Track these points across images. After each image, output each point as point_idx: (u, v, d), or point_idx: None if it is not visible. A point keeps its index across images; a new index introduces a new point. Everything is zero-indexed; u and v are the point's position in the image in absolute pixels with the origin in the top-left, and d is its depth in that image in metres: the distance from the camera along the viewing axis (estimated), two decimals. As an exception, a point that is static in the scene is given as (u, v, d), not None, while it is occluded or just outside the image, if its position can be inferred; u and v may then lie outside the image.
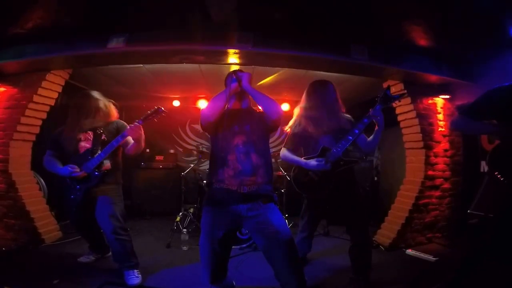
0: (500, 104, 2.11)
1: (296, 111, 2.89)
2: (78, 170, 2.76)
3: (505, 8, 2.52)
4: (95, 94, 2.98)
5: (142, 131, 2.80)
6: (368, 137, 2.73)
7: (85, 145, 2.85)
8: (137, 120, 2.76)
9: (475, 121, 2.22)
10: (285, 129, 2.93)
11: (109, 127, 2.95)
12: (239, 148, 2.09)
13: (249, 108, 2.33)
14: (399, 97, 2.61)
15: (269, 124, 2.17)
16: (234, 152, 2.08)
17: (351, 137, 2.57)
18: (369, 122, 2.56)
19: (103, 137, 2.87)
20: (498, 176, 2.07)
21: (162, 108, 2.78)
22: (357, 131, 2.56)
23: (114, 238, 2.76)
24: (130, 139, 2.87)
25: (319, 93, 2.78)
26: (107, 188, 2.86)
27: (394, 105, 2.63)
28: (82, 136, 2.86)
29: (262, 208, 2.04)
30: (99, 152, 2.78)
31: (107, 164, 2.87)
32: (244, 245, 3.77)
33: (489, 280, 2.39)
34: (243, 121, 2.17)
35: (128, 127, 2.79)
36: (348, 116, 2.86)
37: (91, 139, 2.86)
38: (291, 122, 2.90)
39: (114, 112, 3.07)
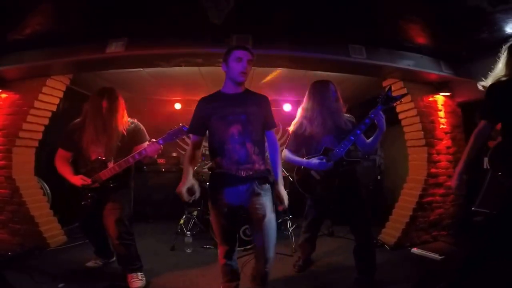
0: (501, 100, 2.09)
1: (299, 112, 2.89)
2: (90, 181, 2.71)
3: (501, 5, 2.51)
4: (115, 94, 2.83)
5: (160, 151, 2.72)
6: (371, 136, 2.73)
7: (96, 150, 2.75)
8: (158, 139, 2.63)
9: (494, 123, 2.17)
10: (289, 129, 2.93)
11: (126, 132, 2.80)
12: (234, 139, 2.18)
13: (245, 93, 2.32)
14: (400, 97, 2.60)
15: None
16: (229, 142, 2.18)
17: (353, 137, 2.57)
18: (370, 122, 2.55)
19: (117, 143, 2.77)
20: (500, 175, 2.05)
21: (186, 127, 2.55)
22: (359, 132, 2.56)
23: (119, 243, 2.75)
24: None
25: (320, 94, 2.78)
26: (117, 193, 2.82)
27: (394, 104, 2.63)
28: (94, 140, 2.72)
29: (258, 190, 2.21)
30: (112, 161, 2.73)
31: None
32: (248, 246, 3.76)
33: (490, 279, 2.37)
34: (238, 109, 2.21)
35: (147, 144, 2.67)
36: (350, 116, 2.86)
37: (103, 143, 2.73)
38: (293, 123, 2.90)
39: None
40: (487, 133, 2.18)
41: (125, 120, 2.86)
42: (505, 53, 2.18)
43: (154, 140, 2.66)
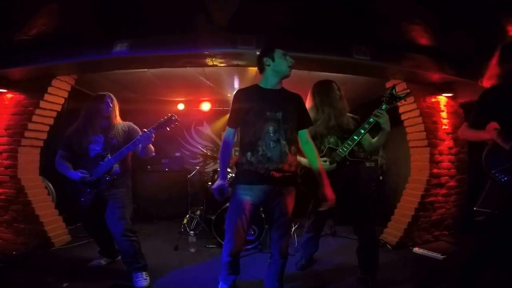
0: (495, 106, 2.12)
1: None
2: (88, 175, 2.81)
3: (504, 6, 2.53)
4: (109, 97, 2.99)
5: (152, 139, 2.83)
6: (374, 136, 2.73)
7: (95, 147, 2.87)
8: (149, 129, 2.75)
9: (477, 128, 2.21)
10: None
11: (120, 130, 2.94)
12: (269, 135, 2.21)
13: (282, 91, 2.41)
14: (404, 96, 2.60)
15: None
16: (264, 139, 2.21)
17: (356, 137, 2.57)
18: (375, 121, 2.55)
19: (114, 141, 2.88)
20: (496, 175, 2.07)
21: (175, 116, 2.76)
22: (363, 131, 2.56)
23: (123, 240, 2.79)
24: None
25: (323, 93, 2.78)
26: (117, 192, 2.88)
27: (397, 104, 2.63)
28: (92, 139, 2.88)
29: (283, 191, 2.27)
30: (109, 157, 2.80)
31: (116, 168, 2.89)
32: (250, 246, 3.78)
33: (492, 279, 2.38)
34: (275, 106, 2.26)
35: (140, 134, 2.78)
36: (354, 115, 2.86)
37: (101, 142, 2.88)
38: None
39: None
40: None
41: (119, 120, 3.02)
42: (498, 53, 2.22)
43: (146, 130, 2.76)
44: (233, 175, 2.65)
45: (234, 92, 2.43)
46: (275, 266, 2.39)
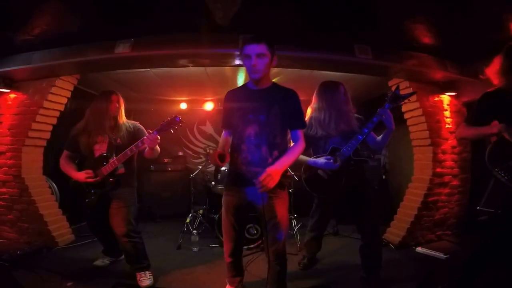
0: (495, 108, 2.12)
1: (308, 112, 2.90)
2: (92, 176, 2.79)
3: (508, 5, 2.51)
4: (115, 96, 2.98)
5: (158, 141, 2.77)
6: (378, 135, 2.73)
7: (100, 148, 2.86)
8: (152, 131, 2.68)
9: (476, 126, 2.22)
10: None
11: (125, 130, 2.92)
12: (250, 139, 2.16)
13: (270, 90, 2.24)
14: (409, 96, 2.58)
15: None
16: (245, 142, 2.18)
17: (360, 137, 2.56)
18: (378, 120, 2.54)
19: (118, 141, 2.87)
20: (499, 172, 2.07)
21: (180, 118, 2.63)
22: (366, 130, 2.55)
23: (126, 241, 2.80)
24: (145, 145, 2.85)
25: (329, 95, 2.77)
26: (121, 192, 2.88)
27: (402, 102, 2.60)
28: (97, 139, 2.87)
29: (269, 194, 2.13)
30: (114, 158, 2.79)
31: (121, 169, 2.89)
32: (252, 246, 3.79)
33: (493, 278, 2.37)
34: (258, 108, 2.16)
35: (144, 137, 2.70)
36: (358, 115, 2.85)
37: (106, 142, 2.87)
38: None
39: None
40: None
41: (124, 120, 3.00)
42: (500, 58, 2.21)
43: (150, 131, 2.72)
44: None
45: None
46: (272, 271, 2.26)
